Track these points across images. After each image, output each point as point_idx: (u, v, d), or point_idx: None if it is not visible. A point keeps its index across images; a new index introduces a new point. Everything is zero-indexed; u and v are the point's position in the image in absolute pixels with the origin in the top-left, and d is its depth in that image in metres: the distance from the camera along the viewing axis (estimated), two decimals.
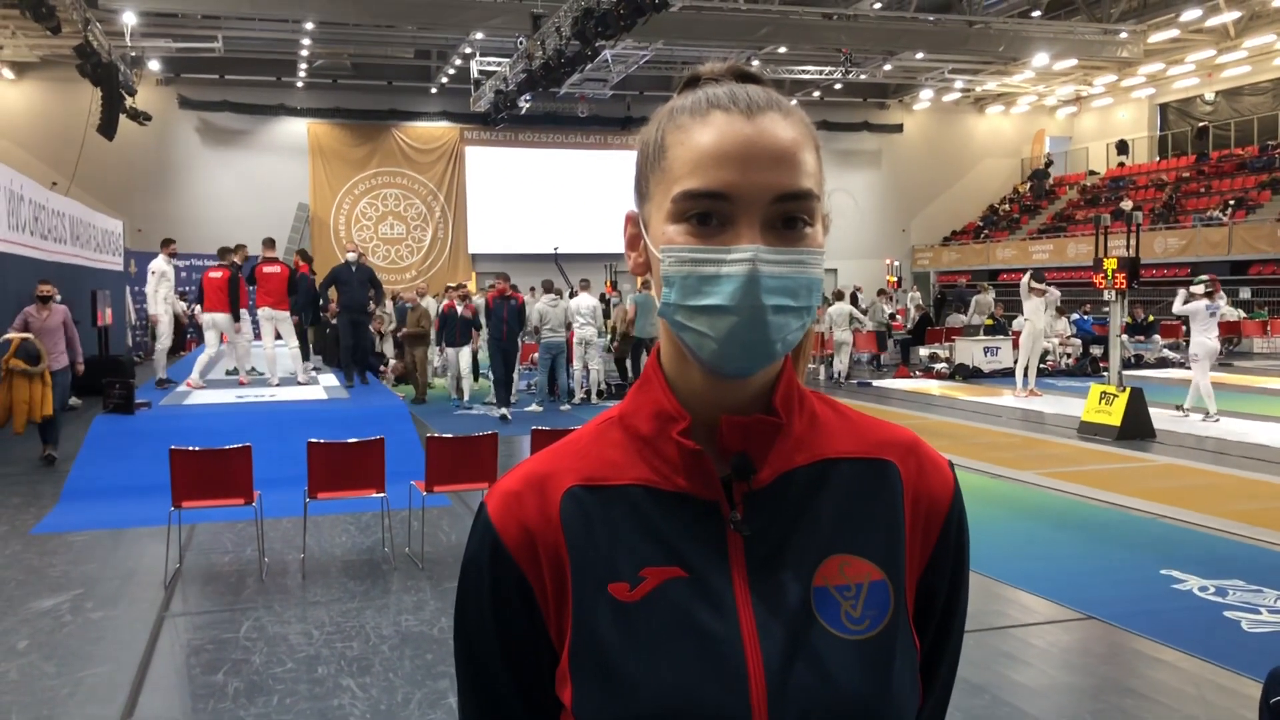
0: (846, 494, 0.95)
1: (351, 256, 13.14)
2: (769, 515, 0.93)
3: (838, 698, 0.87)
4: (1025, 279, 14.80)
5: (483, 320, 14.48)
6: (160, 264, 12.66)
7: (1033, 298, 14.61)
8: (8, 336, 9.85)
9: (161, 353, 12.81)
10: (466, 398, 14.77)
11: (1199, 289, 12.39)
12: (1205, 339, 12.20)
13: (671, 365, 0.96)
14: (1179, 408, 12.79)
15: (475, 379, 15.50)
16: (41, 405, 9.85)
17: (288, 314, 12.48)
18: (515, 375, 14.55)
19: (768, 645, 0.88)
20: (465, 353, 14.67)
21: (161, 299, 12.68)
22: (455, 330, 14.40)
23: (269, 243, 13.01)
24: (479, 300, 15.73)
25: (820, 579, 0.91)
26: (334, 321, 15.16)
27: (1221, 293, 12.11)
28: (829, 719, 0.87)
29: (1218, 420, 12.17)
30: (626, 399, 1.00)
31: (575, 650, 0.91)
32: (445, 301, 14.86)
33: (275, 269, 12.20)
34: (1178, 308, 12.62)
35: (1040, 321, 14.76)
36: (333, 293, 13.96)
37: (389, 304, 18.63)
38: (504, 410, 13.26)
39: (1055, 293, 15.91)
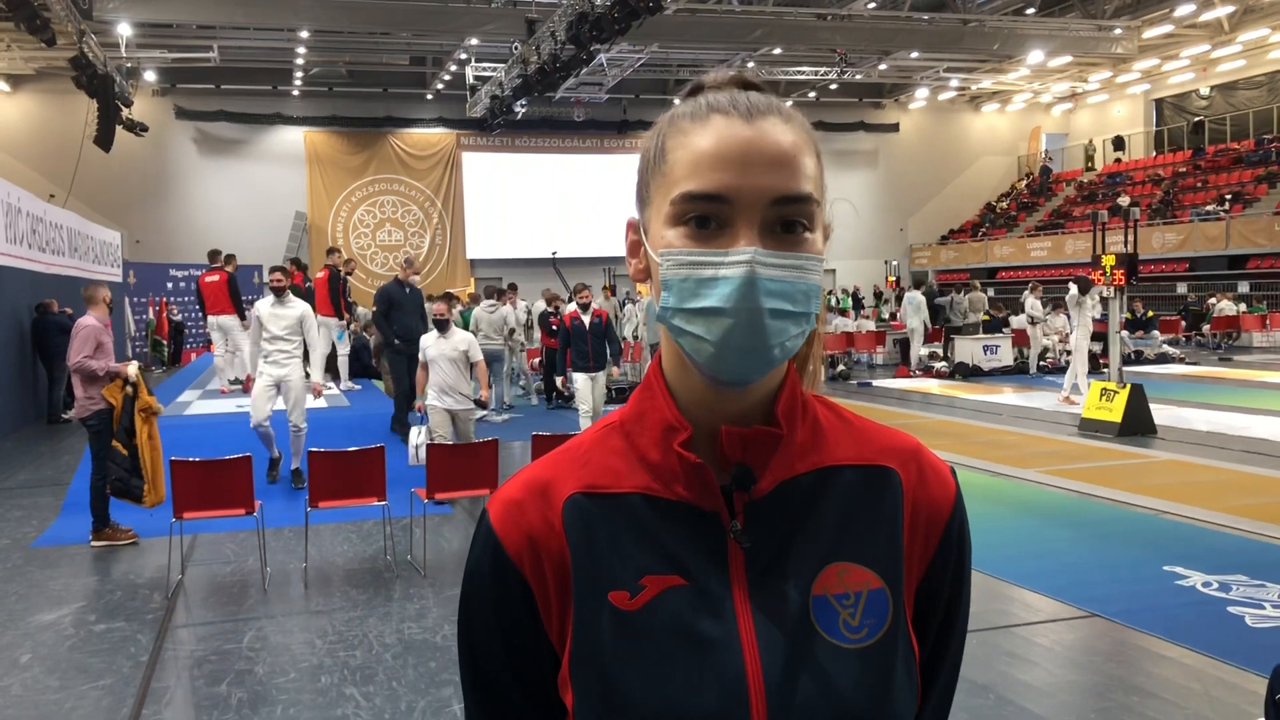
0: (847, 501, 0.94)
1: (415, 279, 10.72)
2: (769, 525, 0.92)
3: (837, 707, 0.87)
4: (1073, 291, 14.06)
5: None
6: (261, 305, 8.80)
7: (1080, 302, 13.94)
8: (118, 368, 6.98)
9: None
10: None
11: None
12: None
13: (673, 372, 0.95)
14: None
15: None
16: None
17: None
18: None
19: (767, 655, 0.88)
20: (600, 380, 10.23)
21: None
22: (588, 348, 10.01)
23: (294, 263, 13.19)
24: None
25: (819, 587, 0.91)
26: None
27: None
28: None
29: None
30: (628, 404, 0.99)
31: (575, 657, 0.91)
32: (567, 310, 10.61)
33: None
34: None
35: (1089, 322, 13.98)
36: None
37: (359, 310, 15.85)
38: None
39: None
